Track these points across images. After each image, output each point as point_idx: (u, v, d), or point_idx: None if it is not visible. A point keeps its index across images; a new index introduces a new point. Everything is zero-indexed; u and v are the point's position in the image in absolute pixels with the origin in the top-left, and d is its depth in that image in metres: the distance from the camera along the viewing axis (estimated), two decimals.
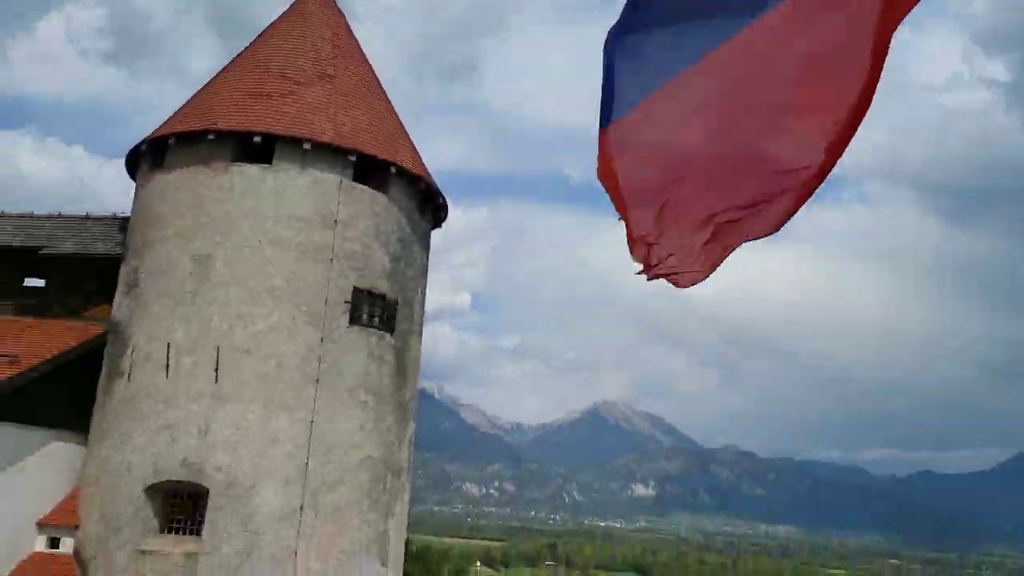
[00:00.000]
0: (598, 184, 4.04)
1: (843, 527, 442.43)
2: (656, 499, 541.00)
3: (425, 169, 20.59)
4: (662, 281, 3.96)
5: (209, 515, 16.39)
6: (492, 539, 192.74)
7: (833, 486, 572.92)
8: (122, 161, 19.99)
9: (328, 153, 18.21)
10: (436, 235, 22.10)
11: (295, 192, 17.95)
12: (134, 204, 19.37)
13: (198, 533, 16.52)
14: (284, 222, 17.77)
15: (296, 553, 16.41)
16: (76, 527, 16.97)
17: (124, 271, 18.64)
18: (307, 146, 17.96)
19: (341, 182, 18.27)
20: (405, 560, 20.42)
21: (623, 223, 3.99)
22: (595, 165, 4.07)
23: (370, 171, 18.89)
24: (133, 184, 19.80)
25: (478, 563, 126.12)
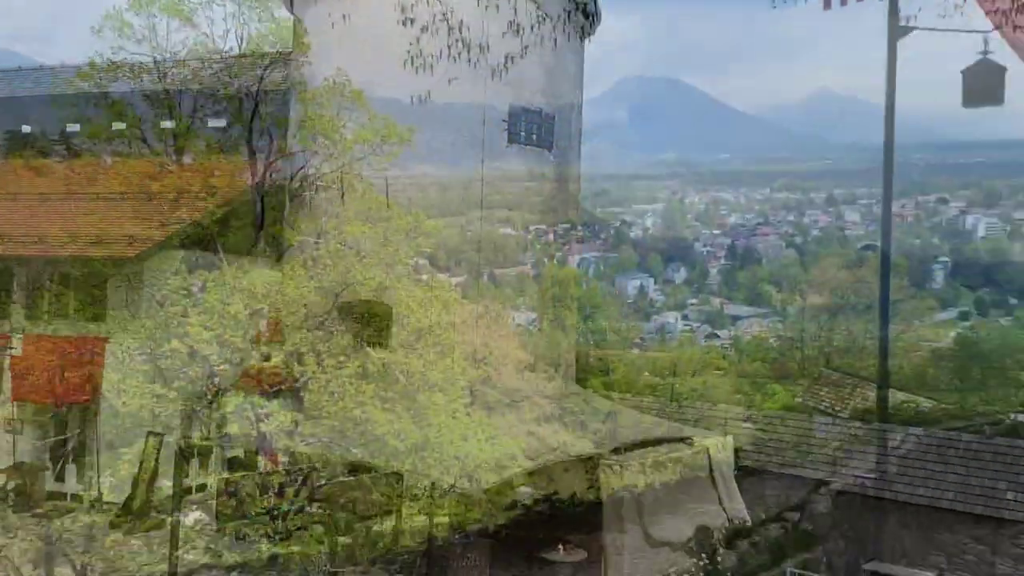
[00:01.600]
0: None
1: None
2: None
3: None
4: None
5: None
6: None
7: None
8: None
9: None
10: (589, 48, 21.16)
11: None
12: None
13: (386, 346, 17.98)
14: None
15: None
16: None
17: (292, 107, 19.36)
18: None
19: None
20: (576, 372, 21.42)
21: None
22: None
23: None
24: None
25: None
